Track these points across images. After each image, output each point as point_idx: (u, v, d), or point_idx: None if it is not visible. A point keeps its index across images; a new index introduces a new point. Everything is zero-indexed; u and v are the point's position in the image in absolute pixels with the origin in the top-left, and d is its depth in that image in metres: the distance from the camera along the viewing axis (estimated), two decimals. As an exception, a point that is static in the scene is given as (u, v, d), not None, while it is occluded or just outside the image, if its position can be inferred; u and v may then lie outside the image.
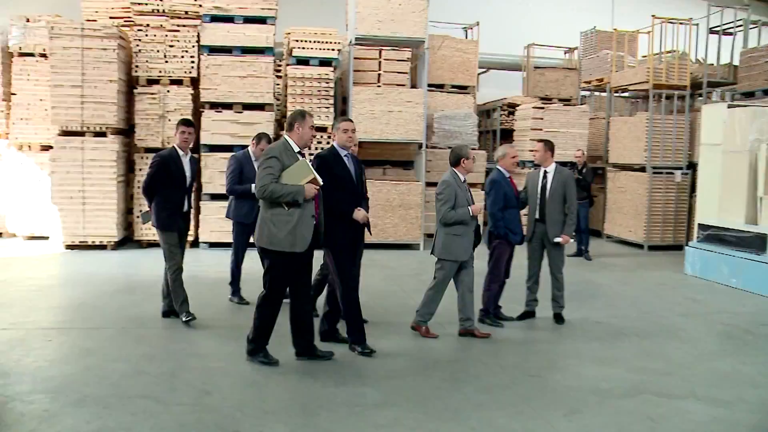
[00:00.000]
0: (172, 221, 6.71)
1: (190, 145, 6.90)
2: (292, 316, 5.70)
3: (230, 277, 7.84)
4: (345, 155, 6.01)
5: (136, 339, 6.35)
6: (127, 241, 11.97)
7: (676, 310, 8.30)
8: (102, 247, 11.29)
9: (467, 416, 4.71)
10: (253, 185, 6.91)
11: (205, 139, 11.59)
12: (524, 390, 5.30)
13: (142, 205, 11.62)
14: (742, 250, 9.74)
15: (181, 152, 6.74)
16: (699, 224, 10.94)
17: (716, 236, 10.34)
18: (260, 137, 7.69)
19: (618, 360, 6.14)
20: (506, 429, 4.52)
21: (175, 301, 6.80)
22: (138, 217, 11.64)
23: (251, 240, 7.60)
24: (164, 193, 6.68)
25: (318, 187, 5.42)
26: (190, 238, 10.15)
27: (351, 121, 6.15)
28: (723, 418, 4.86)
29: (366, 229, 6.13)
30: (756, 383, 5.66)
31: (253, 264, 8.03)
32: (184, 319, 6.72)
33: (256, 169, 5.76)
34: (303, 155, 5.56)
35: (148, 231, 11.54)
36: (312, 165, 5.61)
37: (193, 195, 7.36)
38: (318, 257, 5.87)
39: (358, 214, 5.93)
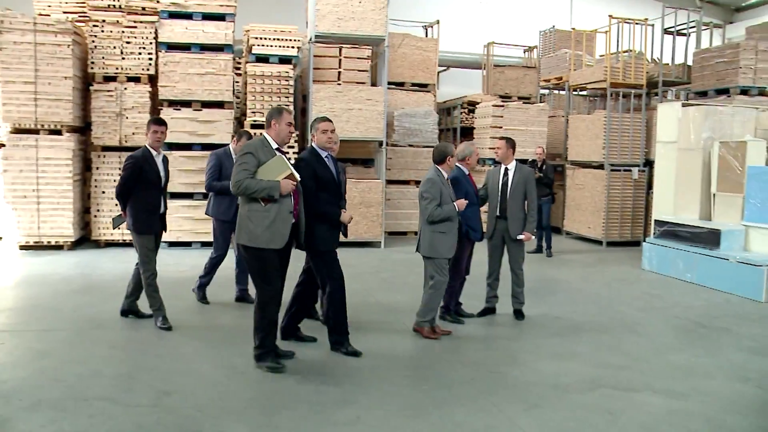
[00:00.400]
0: (150, 224, 6.55)
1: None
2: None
3: (203, 271, 7.76)
4: (325, 156, 5.94)
5: (93, 340, 6.22)
6: (84, 240, 11.73)
7: (633, 305, 8.45)
8: (58, 247, 11.04)
9: (428, 413, 4.73)
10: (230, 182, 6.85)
11: (164, 136, 11.38)
12: (485, 386, 5.33)
13: (99, 204, 11.43)
14: (696, 245, 9.95)
15: (153, 152, 6.59)
16: (655, 220, 11.16)
17: (672, 232, 10.55)
18: (240, 134, 7.62)
19: (577, 355, 6.22)
20: (467, 425, 4.55)
21: (151, 307, 6.65)
22: (96, 216, 11.43)
23: (232, 238, 7.57)
24: (140, 195, 6.50)
25: (295, 183, 5.37)
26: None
27: (330, 121, 6.00)
28: (679, 409, 4.96)
29: (342, 231, 6.10)
30: (710, 375, 5.79)
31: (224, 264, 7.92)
32: (159, 325, 6.59)
33: None
34: (282, 152, 5.50)
35: (106, 230, 11.36)
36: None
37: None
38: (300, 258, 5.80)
39: (345, 216, 5.91)
